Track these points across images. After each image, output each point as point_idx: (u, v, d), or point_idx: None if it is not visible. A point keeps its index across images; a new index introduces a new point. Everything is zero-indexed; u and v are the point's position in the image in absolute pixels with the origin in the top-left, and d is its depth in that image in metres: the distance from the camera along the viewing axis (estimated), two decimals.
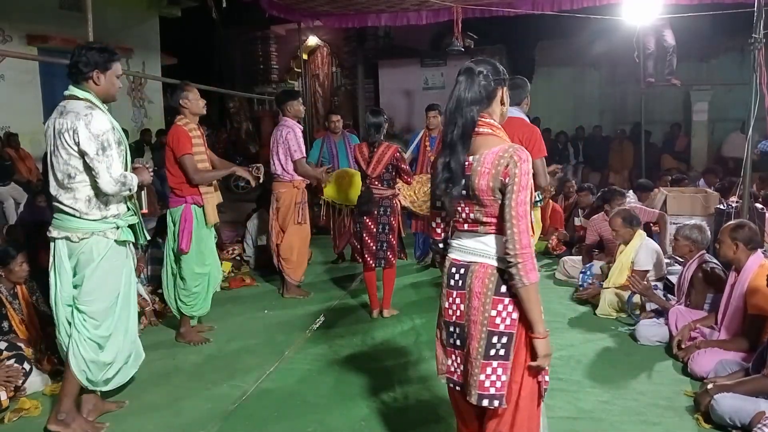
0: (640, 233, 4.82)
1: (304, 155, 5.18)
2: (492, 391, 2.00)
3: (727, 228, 3.67)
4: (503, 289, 2.00)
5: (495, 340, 2.00)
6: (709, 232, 4.32)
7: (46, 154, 2.99)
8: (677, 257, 4.73)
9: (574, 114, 12.66)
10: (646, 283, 4.41)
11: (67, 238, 2.89)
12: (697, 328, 3.81)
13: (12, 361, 3.34)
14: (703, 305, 4.06)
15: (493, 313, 2.00)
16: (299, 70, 13.67)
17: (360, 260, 4.81)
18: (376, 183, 4.61)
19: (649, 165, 9.93)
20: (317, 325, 4.63)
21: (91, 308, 2.94)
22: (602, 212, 5.81)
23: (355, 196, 5.03)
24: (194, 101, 4.18)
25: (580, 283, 5.17)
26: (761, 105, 4.40)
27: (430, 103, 6.21)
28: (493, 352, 2.00)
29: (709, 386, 3.06)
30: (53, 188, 2.91)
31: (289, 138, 5.09)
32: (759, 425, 2.68)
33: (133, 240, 3.12)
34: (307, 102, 14.13)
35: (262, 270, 6.15)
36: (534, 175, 2.21)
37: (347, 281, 5.83)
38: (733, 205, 4.92)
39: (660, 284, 4.79)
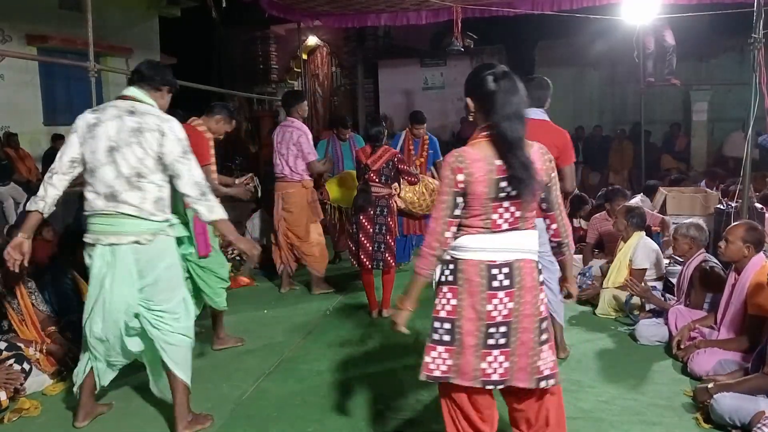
0: (639, 232, 4.82)
1: (317, 156, 5.33)
2: (546, 372, 2.18)
3: (739, 231, 3.60)
4: (540, 279, 2.20)
5: (543, 326, 2.19)
6: (707, 231, 4.32)
7: (47, 152, 2.97)
8: (677, 257, 4.73)
9: (574, 114, 12.66)
10: (644, 285, 4.41)
11: (137, 242, 2.80)
12: (697, 328, 3.81)
13: (12, 361, 3.34)
14: (703, 305, 4.06)
15: (539, 302, 2.18)
16: (299, 70, 13.67)
17: (355, 263, 4.79)
18: (375, 179, 4.61)
19: (649, 165, 9.93)
20: (317, 325, 4.63)
21: (170, 305, 2.92)
22: (603, 211, 5.81)
23: None
24: (219, 127, 4.20)
25: (579, 284, 5.17)
26: (761, 105, 4.40)
27: (417, 110, 6.35)
28: (544, 337, 2.18)
29: (710, 385, 3.07)
30: (106, 189, 2.77)
31: (302, 141, 5.16)
32: (759, 425, 2.68)
33: (188, 235, 3.19)
34: (307, 102, 14.12)
35: (262, 270, 6.15)
36: (562, 179, 2.57)
37: (346, 281, 5.83)
38: (733, 205, 4.92)
39: (659, 284, 4.79)
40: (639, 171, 10.02)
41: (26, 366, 3.39)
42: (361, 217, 4.61)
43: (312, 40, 13.94)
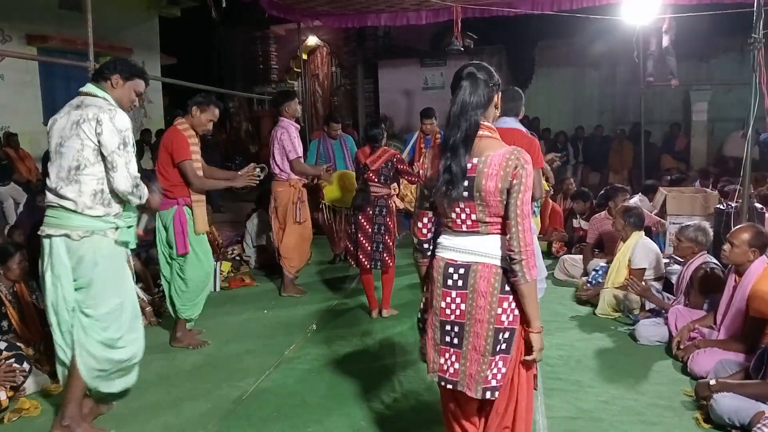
0: (638, 232, 4.82)
1: (300, 155, 5.18)
2: (494, 383, 2.10)
3: (746, 236, 3.55)
4: (507, 287, 2.08)
5: (500, 336, 2.08)
6: (711, 233, 4.31)
7: (47, 152, 2.97)
8: (677, 257, 4.73)
9: (574, 114, 12.67)
10: (644, 284, 4.41)
11: (67, 236, 2.80)
12: (696, 328, 3.81)
13: (12, 360, 3.34)
14: (703, 305, 4.06)
15: (499, 310, 2.07)
16: (299, 70, 13.68)
17: (354, 263, 4.79)
18: (374, 179, 4.60)
19: (649, 165, 9.94)
20: (316, 326, 4.63)
21: (98, 312, 2.87)
22: (603, 211, 5.81)
23: None
24: (203, 121, 4.11)
25: (590, 280, 5.15)
26: (761, 105, 4.40)
27: (428, 107, 6.24)
28: (498, 347, 2.09)
29: (711, 381, 3.06)
30: (54, 181, 2.83)
31: (283, 138, 5.12)
32: (758, 425, 2.68)
33: (133, 241, 3.07)
34: (306, 102, 14.14)
35: (262, 270, 6.16)
36: None
37: (346, 281, 5.83)
38: (733, 205, 4.92)
39: (659, 284, 4.79)
40: (639, 171, 10.02)
41: (26, 366, 3.39)
42: (360, 217, 4.61)
43: (312, 40, 13.94)
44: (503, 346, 2.09)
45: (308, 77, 14.71)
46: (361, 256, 4.63)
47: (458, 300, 2.12)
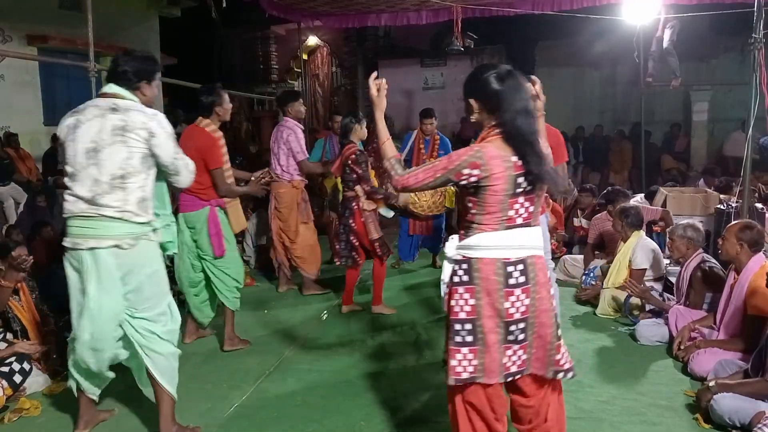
0: (638, 232, 4.82)
1: (307, 155, 5.21)
2: (567, 365, 2.26)
3: (734, 227, 3.65)
4: (550, 273, 2.26)
5: (557, 320, 2.24)
6: (703, 231, 4.31)
7: (47, 152, 2.92)
8: (675, 259, 4.73)
9: (574, 114, 12.65)
10: (643, 285, 4.41)
11: (117, 246, 2.65)
12: (696, 328, 3.81)
13: (12, 359, 3.34)
14: (702, 305, 4.06)
15: (551, 297, 2.22)
16: (299, 70, 13.68)
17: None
18: (343, 182, 4.67)
19: (649, 165, 9.92)
20: (316, 326, 4.63)
21: (154, 312, 2.80)
22: (605, 211, 5.81)
23: None
24: (227, 109, 4.01)
25: (583, 283, 5.17)
26: (761, 105, 4.40)
27: (427, 107, 6.24)
28: (559, 332, 2.24)
29: (711, 383, 3.07)
30: (87, 190, 2.64)
31: (291, 140, 5.12)
32: (759, 425, 2.68)
33: (172, 241, 3.03)
34: (307, 102, 14.13)
35: (262, 270, 6.15)
36: None
37: (344, 282, 5.81)
38: (733, 205, 4.93)
39: (659, 284, 4.79)
40: (639, 171, 10.01)
41: (26, 366, 3.39)
42: (335, 217, 4.67)
43: (312, 40, 13.94)
44: (560, 332, 2.25)
45: (308, 77, 14.71)
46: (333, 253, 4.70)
47: (523, 296, 2.14)
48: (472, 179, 2.10)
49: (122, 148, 2.64)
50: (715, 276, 4.02)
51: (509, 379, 2.21)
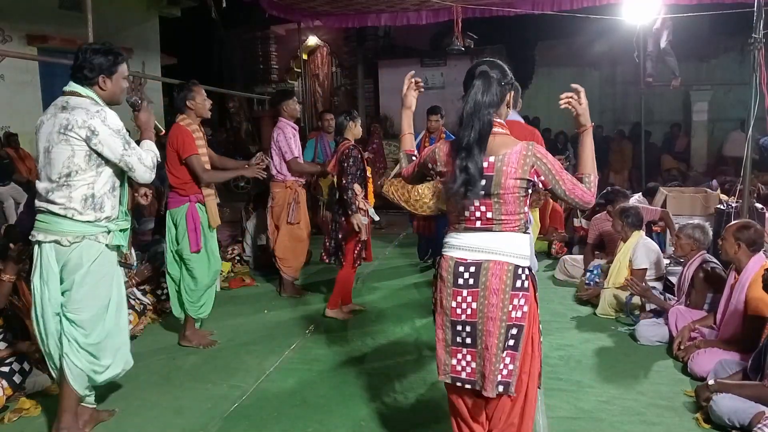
0: (638, 232, 4.82)
1: (296, 155, 5.18)
2: (505, 378, 2.13)
3: (732, 227, 3.67)
4: (518, 284, 2.09)
5: (511, 333, 2.11)
6: (711, 234, 4.32)
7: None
8: (678, 257, 4.73)
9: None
10: (644, 284, 4.41)
11: (57, 242, 2.73)
12: (697, 328, 3.81)
13: (12, 359, 3.34)
14: (703, 305, 4.06)
15: (510, 307, 2.09)
16: (299, 70, 13.68)
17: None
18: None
19: (649, 165, 9.93)
20: (316, 326, 4.63)
21: (81, 316, 2.79)
22: (604, 212, 5.81)
23: None
24: (201, 103, 4.07)
25: (587, 281, 5.16)
26: (761, 105, 4.40)
27: (432, 105, 6.21)
28: (506, 344, 2.11)
29: (710, 382, 3.07)
30: (43, 187, 2.75)
31: (279, 139, 5.13)
32: (758, 425, 2.68)
33: (125, 245, 2.98)
34: (307, 102, 14.14)
35: (262, 270, 6.15)
36: None
37: None
38: (733, 205, 4.93)
39: (659, 284, 4.79)
40: (639, 171, 10.02)
41: (26, 366, 3.39)
42: (329, 214, 4.65)
43: (312, 40, 13.94)
44: (511, 343, 2.11)
45: (308, 77, 14.71)
46: (321, 250, 4.70)
47: (469, 299, 2.12)
48: (435, 174, 2.23)
49: (66, 146, 2.71)
50: (716, 276, 4.02)
51: (459, 383, 2.19)
